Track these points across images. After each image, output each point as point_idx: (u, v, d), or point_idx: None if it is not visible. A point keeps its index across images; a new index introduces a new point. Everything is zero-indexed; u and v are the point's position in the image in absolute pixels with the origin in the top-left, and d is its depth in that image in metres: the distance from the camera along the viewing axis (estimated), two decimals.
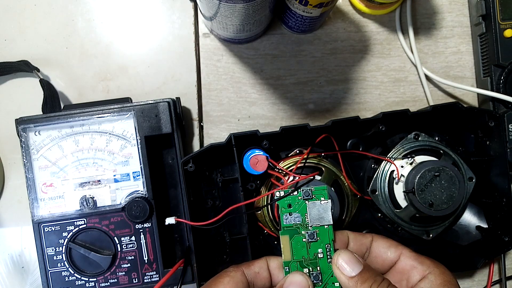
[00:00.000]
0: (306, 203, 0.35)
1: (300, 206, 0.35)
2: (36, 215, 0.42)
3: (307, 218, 0.34)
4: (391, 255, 0.34)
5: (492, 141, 0.44)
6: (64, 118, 0.42)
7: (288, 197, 0.35)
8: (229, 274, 0.32)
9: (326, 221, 0.34)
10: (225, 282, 0.31)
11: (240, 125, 0.49)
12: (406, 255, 0.34)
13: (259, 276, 0.33)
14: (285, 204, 0.35)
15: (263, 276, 0.33)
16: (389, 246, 0.35)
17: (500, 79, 0.47)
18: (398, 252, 0.34)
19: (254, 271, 0.33)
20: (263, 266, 0.34)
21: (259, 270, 0.33)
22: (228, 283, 0.31)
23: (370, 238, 0.35)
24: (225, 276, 0.32)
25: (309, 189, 0.35)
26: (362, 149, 0.45)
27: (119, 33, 0.49)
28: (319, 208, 0.35)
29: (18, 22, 0.48)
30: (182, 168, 0.40)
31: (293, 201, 0.35)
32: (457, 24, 0.50)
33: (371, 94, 0.50)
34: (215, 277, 0.32)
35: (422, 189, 0.40)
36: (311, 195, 0.35)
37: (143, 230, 0.42)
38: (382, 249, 0.35)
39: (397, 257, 0.34)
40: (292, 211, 0.35)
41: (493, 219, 0.45)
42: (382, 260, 0.35)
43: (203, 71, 0.49)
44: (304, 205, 0.35)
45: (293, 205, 0.35)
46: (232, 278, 0.31)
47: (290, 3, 0.42)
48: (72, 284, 0.42)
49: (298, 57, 0.49)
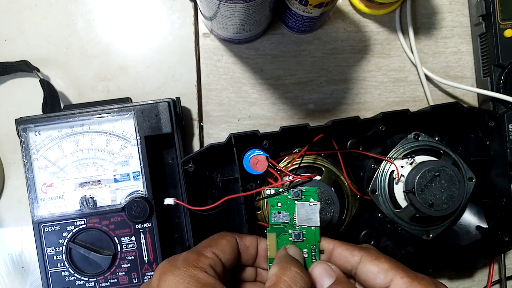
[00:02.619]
0: (295, 203, 0.35)
1: (289, 206, 0.35)
2: (36, 215, 0.42)
3: (295, 218, 0.35)
4: (380, 282, 0.31)
5: (492, 141, 0.44)
6: (64, 118, 0.42)
7: (278, 196, 0.35)
8: (226, 238, 0.32)
9: (313, 223, 0.34)
10: (223, 243, 0.32)
11: (240, 125, 0.49)
12: (397, 282, 0.31)
13: (247, 251, 0.34)
14: (275, 203, 0.35)
15: (250, 253, 0.34)
16: (378, 272, 0.31)
17: (500, 79, 0.47)
18: (388, 279, 0.31)
19: (245, 244, 0.34)
20: (253, 243, 0.34)
21: (249, 245, 0.34)
22: (226, 245, 0.32)
23: (358, 257, 0.33)
24: (222, 238, 0.32)
25: (299, 189, 0.35)
26: (362, 149, 0.45)
27: (119, 33, 0.49)
28: (307, 209, 0.35)
29: (18, 22, 0.48)
30: (182, 168, 0.40)
31: (283, 200, 0.35)
32: (457, 24, 0.50)
33: (371, 94, 0.50)
34: (213, 237, 0.32)
35: (422, 189, 0.40)
36: (301, 196, 0.35)
37: (143, 230, 0.42)
38: (371, 275, 0.32)
39: (387, 283, 0.31)
40: (281, 209, 0.35)
41: (493, 219, 0.45)
42: (371, 284, 0.32)
43: (203, 71, 0.49)
44: (293, 205, 0.35)
45: (282, 204, 0.35)
46: (228, 241, 0.32)
47: (290, 3, 0.42)
48: (72, 284, 0.42)
49: (298, 57, 0.49)
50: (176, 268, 0.28)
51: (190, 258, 0.29)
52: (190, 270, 0.28)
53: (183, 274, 0.28)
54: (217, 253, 0.31)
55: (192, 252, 0.30)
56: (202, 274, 0.28)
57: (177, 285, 0.27)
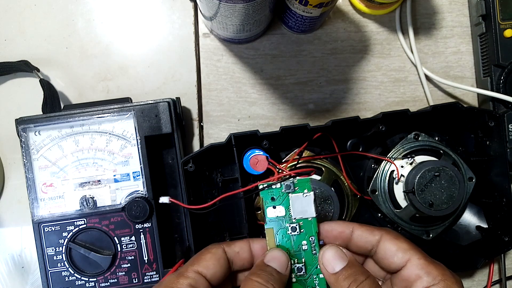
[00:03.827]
0: (289, 196, 0.34)
1: (284, 199, 0.35)
2: (36, 215, 0.42)
3: (291, 211, 0.34)
4: (397, 261, 0.32)
5: (492, 141, 0.44)
6: (64, 118, 0.42)
7: (271, 190, 0.35)
8: (211, 251, 0.33)
9: (309, 214, 0.34)
10: (207, 258, 0.32)
11: (240, 125, 0.49)
12: (414, 262, 0.32)
13: (239, 256, 0.34)
14: (269, 198, 0.35)
15: (243, 257, 0.34)
16: (397, 250, 0.32)
17: (500, 79, 0.47)
18: (405, 258, 0.32)
19: (234, 251, 0.34)
20: (244, 247, 0.34)
21: (240, 250, 0.34)
22: (210, 259, 0.32)
23: (378, 236, 0.33)
24: (207, 252, 0.32)
25: (291, 181, 0.35)
26: (362, 149, 0.45)
27: (119, 33, 0.49)
28: (302, 201, 0.34)
29: (18, 22, 0.48)
30: (182, 168, 0.40)
31: (276, 194, 0.35)
32: (457, 24, 0.50)
33: (371, 94, 0.50)
34: (198, 254, 0.33)
35: (422, 189, 0.40)
36: (293, 188, 0.34)
37: (143, 230, 0.42)
38: (389, 252, 0.33)
39: (404, 263, 0.32)
40: (276, 204, 0.35)
41: (493, 219, 0.45)
42: (388, 263, 0.33)
43: (203, 71, 0.49)
44: (287, 198, 0.34)
45: (277, 198, 0.35)
46: (213, 254, 0.32)
47: (290, 3, 0.42)
48: (72, 284, 0.42)
49: (298, 57, 0.49)
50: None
51: (169, 281, 0.30)
52: None
53: None
54: (199, 270, 0.31)
55: (173, 275, 0.31)
56: None
57: None
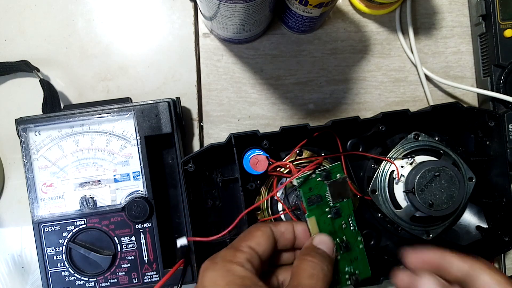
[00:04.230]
0: (325, 182, 0.36)
1: (320, 187, 0.36)
2: (36, 215, 0.42)
3: (328, 196, 0.36)
4: None
5: (492, 141, 0.44)
6: (64, 118, 0.42)
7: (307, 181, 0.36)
8: (261, 229, 0.34)
9: (345, 196, 0.36)
10: (258, 235, 0.33)
11: (240, 125, 0.49)
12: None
13: (284, 236, 0.35)
14: (307, 189, 0.36)
15: (287, 237, 0.35)
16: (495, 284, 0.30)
17: (500, 79, 0.47)
18: None
19: (280, 231, 0.35)
20: (288, 228, 0.35)
21: (285, 231, 0.35)
22: (261, 236, 0.33)
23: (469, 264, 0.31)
24: (257, 230, 0.34)
25: (325, 169, 0.36)
26: (362, 149, 0.45)
27: (119, 33, 0.49)
28: (337, 185, 0.36)
29: (18, 22, 0.48)
30: (182, 168, 0.40)
31: (313, 184, 0.36)
32: (457, 24, 0.50)
33: (371, 94, 0.50)
34: (248, 231, 0.34)
35: (422, 189, 0.40)
36: (330, 175, 0.36)
37: (143, 230, 0.42)
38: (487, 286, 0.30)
39: None
40: (314, 193, 0.36)
41: (493, 219, 0.45)
42: None
43: (203, 71, 0.49)
44: (323, 184, 0.36)
45: (314, 187, 0.36)
46: (264, 232, 0.33)
47: (290, 3, 0.42)
48: (72, 284, 0.42)
49: (298, 57, 0.49)
50: (215, 265, 0.31)
51: (227, 254, 0.31)
52: (227, 266, 0.30)
53: (222, 269, 0.30)
54: (252, 246, 0.32)
55: (229, 249, 0.32)
56: (239, 269, 0.30)
57: (216, 279, 0.30)
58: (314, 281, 0.30)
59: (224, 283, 0.29)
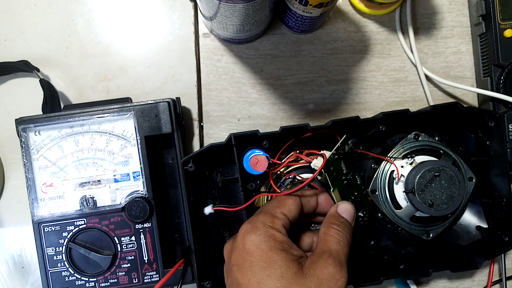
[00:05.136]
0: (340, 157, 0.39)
1: (337, 163, 0.39)
2: (36, 215, 0.42)
3: (343, 167, 0.40)
4: None
5: (492, 141, 0.44)
6: (64, 118, 0.42)
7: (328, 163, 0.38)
8: (291, 197, 0.37)
9: (353, 160, 0.41)
10: (290, 203, 0.36)
11: (240, 125, 0.49)
12: None
13: (309, 203, 0.39)
14: (330, 170, 0.38)
15: (311, 204, 0.39)
16: None
17: (500, 79, 0.47)
18: None
19: (307, 199, 0.39)
20: (313, 196, 0.39)
21: (310, 199, 0.39)
22: (292, 204, 0.37)
23: None
24: (288, 198, 0.37)
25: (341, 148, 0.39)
26: (362, 149, 0.45)
27: (119, 33, 0.49)
28: (347, 157, 0.40)
29: (18, 22, 0.48)
30: (182, 168, 0.40)
31: (333, 164, 0.39)
32: (457, 24, 0.50)
33: (371, 94, 0.50)
34: (279, 199, 0.37)
35: (422, 189, 0.40)
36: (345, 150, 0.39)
37: (143, 230, 0.42)
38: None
39: None
40: (335, 170, 0.39)
41: (493, 219, 0.45)
42: None
43: (203, 71, 0.49)
44: (339, 161, 0.39)
45: (334, 166, 0.39)
46: (294, 200, 0.37)
47: (290, 3, 0.42)
48: (72, 284, 0.42)
49: (298, 57, 0.49)
50: (257, 229, 0.34)
51: (267, 220, 0.34)
52: (269, 231, 0.34)
53: (264, 234, 0.33)
54: (285, 212, 0.36)
55: (266, 215, 0.35)
56: (278, 234, 0.34)
57: (260, 243, 0.33)
58: (341, 247, 0.35)
59: (267, 248, 0.33)
